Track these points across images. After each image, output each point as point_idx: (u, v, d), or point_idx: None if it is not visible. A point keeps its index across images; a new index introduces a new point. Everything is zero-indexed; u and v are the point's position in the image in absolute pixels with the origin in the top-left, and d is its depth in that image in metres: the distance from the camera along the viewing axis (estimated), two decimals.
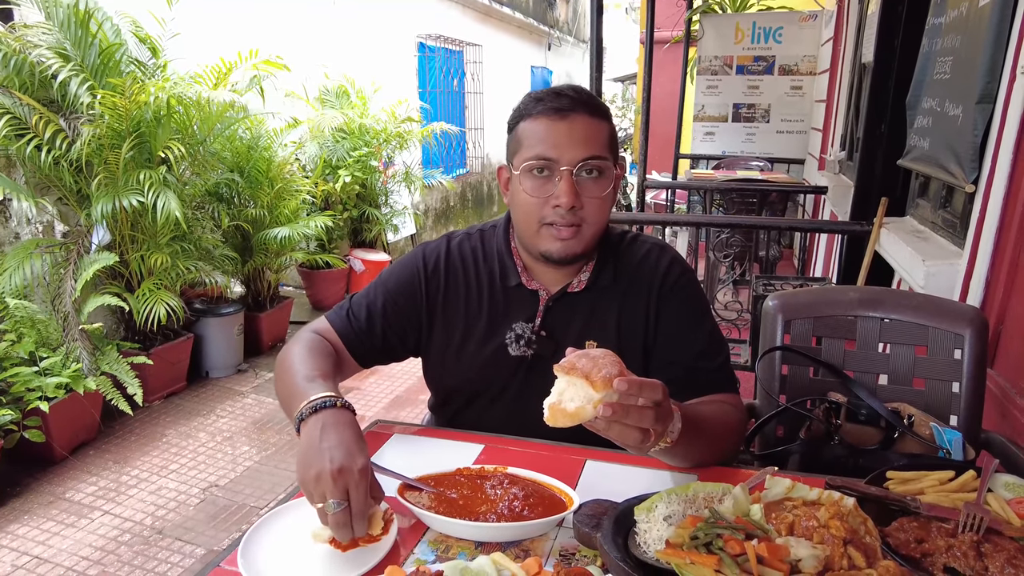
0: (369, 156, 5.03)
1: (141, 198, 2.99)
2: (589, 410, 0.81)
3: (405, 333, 1.24)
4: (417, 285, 1.24)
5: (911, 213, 2.52)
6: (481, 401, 1.25)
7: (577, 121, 1.09)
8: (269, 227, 4.10)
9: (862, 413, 1.50)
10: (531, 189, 1.12)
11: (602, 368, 0.82)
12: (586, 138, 1.09)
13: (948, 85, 2.05)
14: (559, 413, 0.82)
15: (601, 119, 1.13)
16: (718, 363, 1.18)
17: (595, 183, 1.11)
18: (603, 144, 1.12)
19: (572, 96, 1.11)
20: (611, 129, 1.15)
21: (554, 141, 1.09)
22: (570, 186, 1.08)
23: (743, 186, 4.12)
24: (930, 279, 1.90)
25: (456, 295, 1.24)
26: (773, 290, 2.53)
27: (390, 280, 1.26)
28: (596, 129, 1.11)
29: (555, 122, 1.10)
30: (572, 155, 1.08)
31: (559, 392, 0.83)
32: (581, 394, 0.81)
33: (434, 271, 1.25)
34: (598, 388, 0.81)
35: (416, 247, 1.31)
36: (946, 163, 1.98)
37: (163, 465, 3.02)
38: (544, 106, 1.11)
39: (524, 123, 1.13)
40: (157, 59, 3.45)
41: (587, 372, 0.82)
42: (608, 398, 0.81)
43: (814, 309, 1.66)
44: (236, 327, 4.06)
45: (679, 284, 1.20)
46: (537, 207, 1.12)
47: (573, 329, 1.20)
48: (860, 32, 3.99)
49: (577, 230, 1.12)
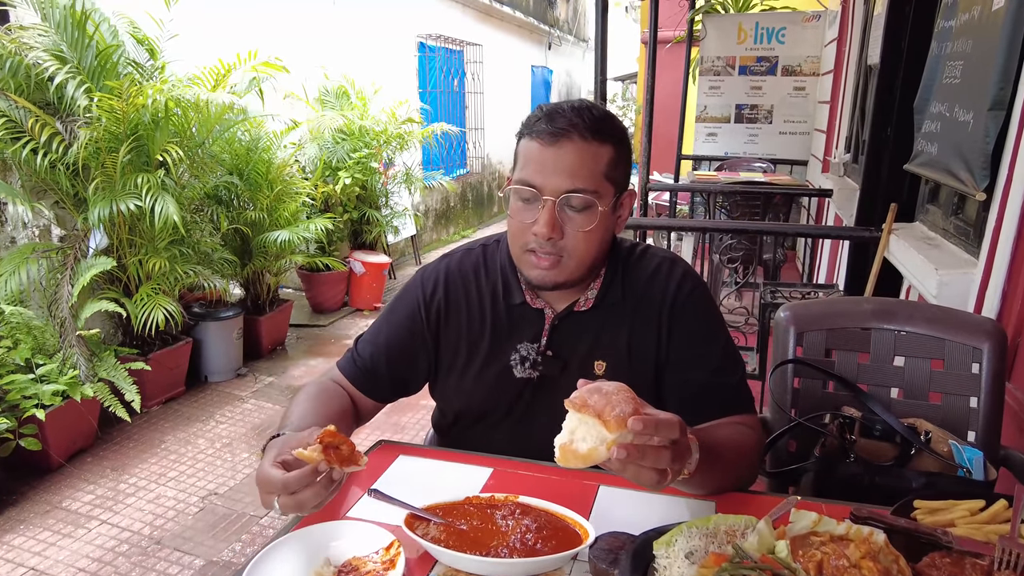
0: (369, 157, 4.99)
1: (139, 202, 2.95)
2: (602, 452, 0.77)
3: (415, 364, 1.21)
4: (418, 313, 1.21)
5: (920, 219, 2.48)
6: (487, 423, 1.22)
7: (568, 148, 1.02)
8: (269, 230, 4.06)
9: (877, 428, 1.47)
10: (516, 212, 1.07)
11: (615, 406, 0.78)
12: (574, 168, 1.02)
13: (958, 90, 2.01)
14: (570, 454, 0.78)
15: (602, 142, 1.04)
16: (734, 381, 1.14)
17: (580, 216, 1.04)
18: (596, 174, 1.04)
19: (570, 118, 1.03)
20: (614, 153, 1.06)
21: (541, 167, 1.03)
22: (550, 217, 1.03)
23: (747, 188, 4.08)
24: (943, 288, 1.86)
25: (458, 316, 1.20)
26: (781, 297, 2.50)
27: (392, 314, 1.24)
28: (591, 157, 1.03)
29: (545, 147, 1.03)
30: (556, 185, 1.02)
31: (570, 431, 0.79)
32: (594, 434, 0.78)
33: (433, 294, 1.21)
34: (611, 428, 0.77)
35: (416, 272, 1.28)
36: (955, 169, 1.94)
37: (161, 473, 2.98)
38: (540, 126, 1.04)
39: (524, 140, 1.08)
40: (155, 61, 3.41)
41: (600, 410, 0.78)
42: (622, 438, 0.77)
43: (827, 321, 1.62)
44: (235, 331, 4.02)
45: (691, 299, 1.15)
46: (521, 231, 1.08)
47: (581, 349, 1.16)
48: (866, 33, 3.95)
49: (557, 260, 1.07)
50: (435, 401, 1.30)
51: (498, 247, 1.23)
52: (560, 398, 1.18)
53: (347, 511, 0.97)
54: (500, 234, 1.25)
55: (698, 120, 5.92)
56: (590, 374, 1.15)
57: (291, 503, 0.85)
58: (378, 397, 1.22)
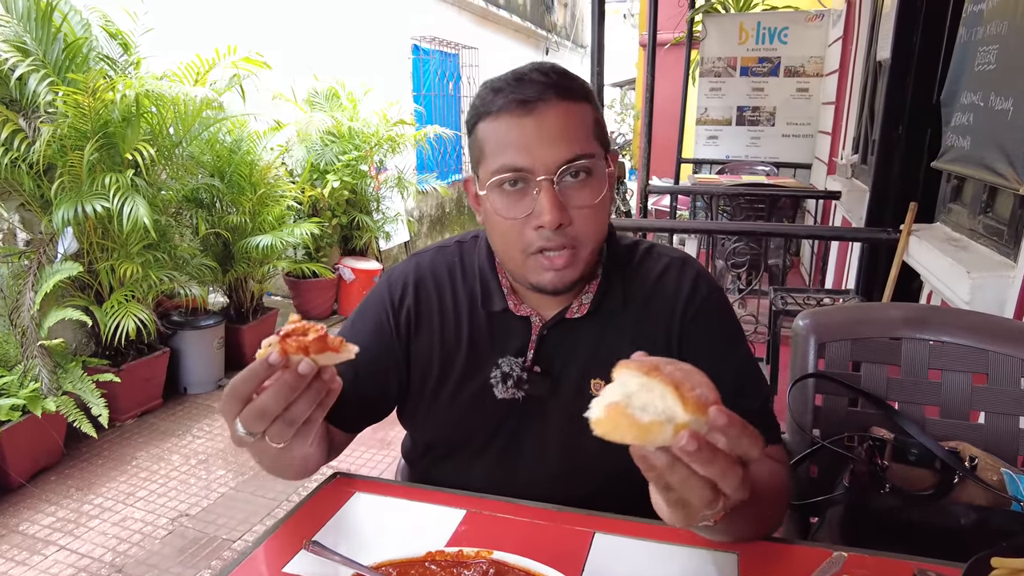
0: (359, 160, 4.82)
1: (106, 203, 2.76)
2: (668, 432, 0.56)
3: (385, 384, 1.01)
4: (386, 322, 1.01)
5: (942, 219, 2.31)
6: (462, 454, 1.02)
7: (549, 112, 0.84)
8: (252, 235, 3.88)
9: (912, 452, 1.28)
10: (504, 209, 0.87)
11: (696, 385, 0.58)
12: (564, 132, 0.85)
13: (994, 77, 1.84)
14: (623, 420, 0.57)
15: (581, 102, 0.88)
16: (757, 405, 0.95)
17: (585, 188, 0.87)
18: (587, 135, 0.87)
19: (539, 80, 0.85)
20: (595, 113, 0.91)
21: (523, 143, 0.84)
22: (553, 199, 0.84)
23: (752, 191, 3.91)
24: (976, 293, 1.69)
25: (429, 325, 1.01)
26: (794, 303, 2.32)
27: (356, 324, 1.03)
28: (576, 117, 0.86)
29: (521, 118, 0.84)
30: (549, 158, 0.84)
31: (625, 392, 0.59)
32: (659, 406, 0.57)
33: (401, 300, 1.01)
34: (688, 407, 0.57)
35: (382, 275, 1.08)
36: (993, 163, 1.77)
37: (130, 492, 2.79)
38: (505, 98, 0.85)
39: (484, 124, 0.88)
40: (129, 55, 3.23)
41: (678, 382, 0.58)
42: (695, 426, 0.57)
43: (851, 329, 1.44)
44: (216, 340, 3.83)
45: (706, 307, 0.97)
46: (516, 232, 0.88)
47: (574, 364, 0.97)
48: (874, 30, 3.79)
49: (572, 253, 0.88)
50: (404, 428, 1.11)
51: (476, 244, 1.04)
52: (550, 423, 0.97)
53: (282, 567, 0.78)
54: (479, 230, 1.05)
55: (698, 123, 5.77)
56: (585, 395, 0.96)
57: (252, 414, 0.68)
58: (344, 424, 1.00)
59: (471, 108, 0.91)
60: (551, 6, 11.44)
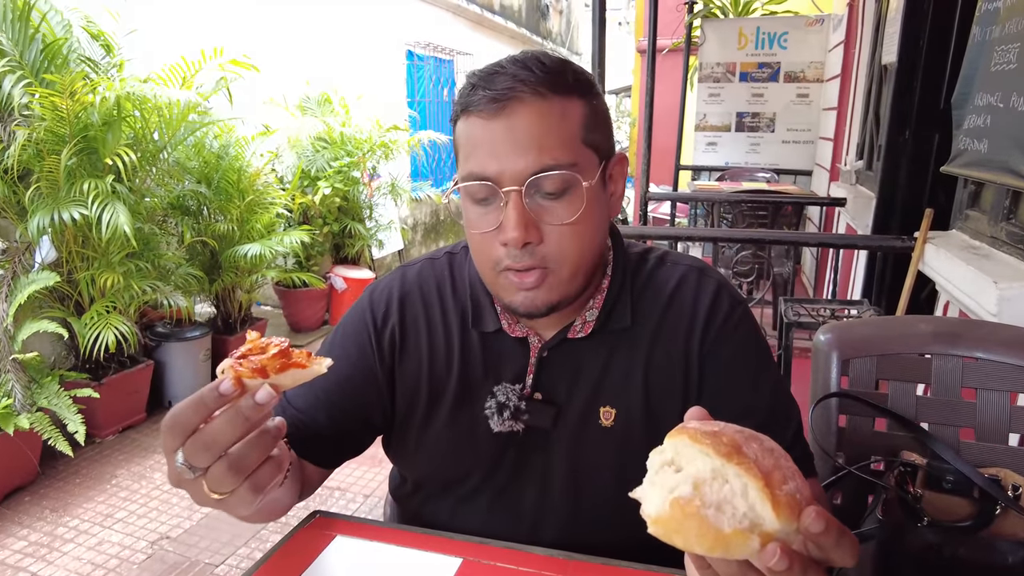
0: (351, 167, 4.71)
1: (84, 211, 2.64)
2: (754, 545, 0.43)
3: (368, 414, 0.89)
4: (367, 344, 0.89)
5: (958, 226, 2.21)
6: (458, 493, 0.91)
7: (522, 112, 0.72)
8: (239, 243, 3.76)
9: (948, 480, 1.18)
10: (473, 220, 0.78)
11: (788, 478, 0.45)
12: (537, 136, 0.72)
13: (1015, 76, 1.75)
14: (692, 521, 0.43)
15: (568, 97, 0.75)
16: (790, 435, 0.85)
17: (559, 204, 0.75)
18: (570, 139, 0.74)
19: (514, 73, 0.73)
20: (585, 108, 0.76)
21: (491, 149, 0.73)
22: (519, 215, 0.73)
23: (755, 198, 3.82)
24: (1005, 305, 1.58)
25: (417, 348, 0.89)
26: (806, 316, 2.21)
27: (334, 347, 0.91)
28: (555, 118, 0.74)
29: (490, 120, 0.73)
30: (516, 168, 0.72)
31: (695, 482, 0.45)
32: (741, 507, 0.44)
33: (385, 319, 0.90)
34: (781, 512, 0.43)
35: (364, 291, 0.96)
36: (1017, 166, 1.67)
37: (108, 513, 2.66)
38: (476, 95, 0.74)
39: (460, 122, 0.78)
40: (112, 57, 3.12)
41: (767, 472, 0.44)
42: (784, 535, 0.44)
43: (877, 345, 1.33)
44: (203, 352, 3.71)
45: (730, 324, 0.85)
46: (486, 245, 0.78)
47: (580, 390, 0.85)
48: (878, 33, 3.72)
49: (543, 274, 0.77)
50: (391, 462, 0.99)
51: (467, 257, 0.92)
52: (554, 458, 0.86)
53: None
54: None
55: (697, 129, 5.69)
56: (594, 424, 0.85)
57: (197, 445, 0.56)
58: (320, 459, 0.88)
59: (456, 97, 0.80)
60: (546, 13, 11.40)
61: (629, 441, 0.83)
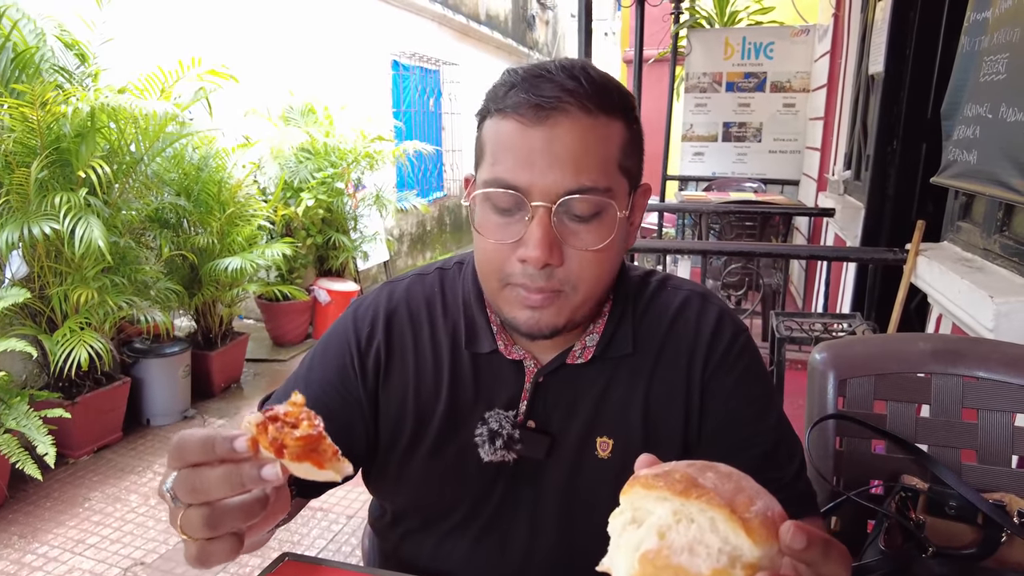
0: (335, 178, 4.64)
1: (56, 225, 2.56)
2: None
3: (349, 441, 0.82)
4: (349, 365, 0.83)
5: (950, 238, 2.18)
6: (441, 528, 0.85)
7: (565, 125, 0.68)
8: (220, 256, 3.67)
9: (951, 505, 1.13)
10: (490, 228, 0.73)
11: (755, 497, 0.42)
12: (578, 154, 0.68)
13: (1004, 87, 1.72)
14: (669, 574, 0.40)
15: (611, 117, 0.71)
16: (792, 471, 0.80)
17: (588, 228, 0.71)
18: (608, 163, 0.70)
19: (562, 82, 0.69)
20: (626, 132, 0.73)
21: (525, 158, 0.68)
22: (545, 234, 0.68)
23: (744, 208, 3.79)
24: (1002, 320, 1.55)
25: (402, 370, 0.83)
26: (798, 330, 2.17)
27: (313, 368, 0.85)
28: (598, 138, 0.70)
29: (529, 127, 0.68)
30: (551, 184, 0.68)
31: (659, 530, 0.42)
32: (714, 542, 0.40)
33: (369, 338, 0.84)
34: (756, 536, 0.40)
35: (348, 307, 0.90)
36: (1007, 178, 1.64)
37: (80, 539, 2.56)
38: (517, 97, 0.69)
39: (491, 120, 0.73)
40: (87, 66, 3.04)
41: (729, 499, 0.41)
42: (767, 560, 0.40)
43: (875, 364, 1.29)
44: (182, 368, 3.62)
45: (733, 352, 0.81)
46: (499, 256, 0.73)
47: (576, 419, 0.80)
48: (864, 44, 3.72)
49: (555, 296, 0.72)
50: (371, 493, 0.93)
51: (460, 273, 0.87)
52: (546, 491, 0.80)
53: None
54: (464, 254, 0.89)
55: (684, 139, 5.68)
56: (590, 456, 0.80)
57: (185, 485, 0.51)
58: (302, 490, 0.82)
59: (490, 92, 0.75)
60: (532, 23, 11.42)
61: (627, 473, 0.78)
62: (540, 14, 11.75)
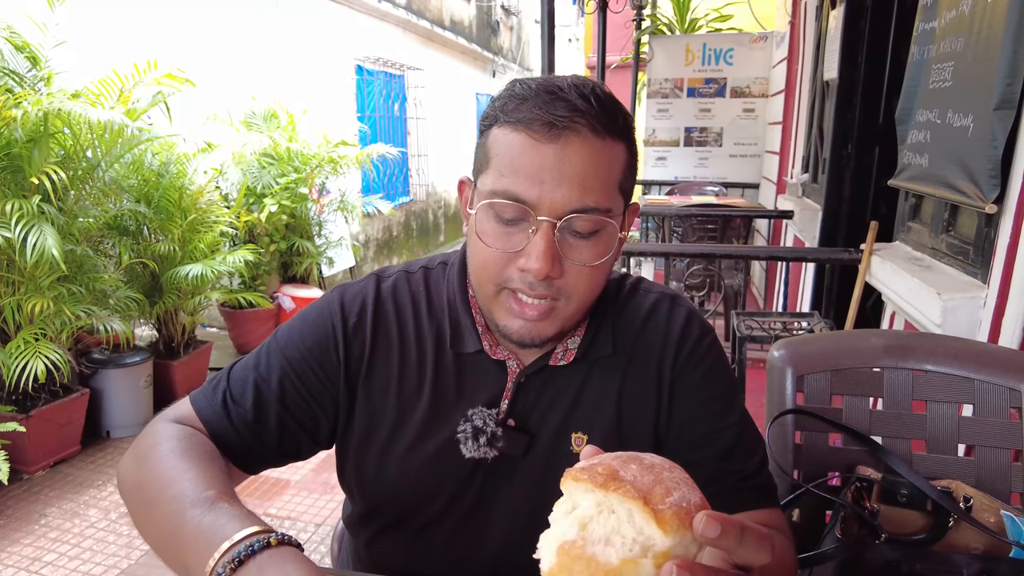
0: (298, 183, 4.60)
1: (7, 233, 2.49)
2: (647, 568, 0.42)
3: (315, 422, 0.83)
4: (332, 348, 0.83)
5: (901, 238, 2.27)
6: (417, 523, 0.85)
7: (575, 147, 0.70)
8: (181, 264, 3.61)
9: (902, 493, 1.19)
10: (492, 236, 0.74)
11: (672, 488, 0.44)
12: (586, 174, 0.70)
13: (950, 94, 1.80)
14: (579, 564, 0.42)
15: (617, 140, 0.73)
16: (754, 465, 0.82)
17: (587, 244, 0.73)
18: (611, 185, 0.73)
19: (576, 103, 0.70)
20: (627, 155, 0.76)
21: (535, 174, 0.70)
22: (548, 247, 0.71)
23: (705, 211, 3.87)
24: (948, 316, 1.62)
25: (386, 364, 0.84)
26: (758, 329, 2.23)
27: (292, 342, 0.83)
28: (605, 160, 0.72)
29: (541, 143, 0.70)
30: (559, 201, 0.70)
31: (580, 522, 0.44)
32: (629, 533, 0.42)
33: (357, 326, 0.84)
34: (667, 527, 0.42)
35: (332, 290, 0.89)
36: (955, 181, 1.72)
37: (36, 556, 2.48)
38: (529, 111, 0.71)
39: (498, 130, 0.73)
40: (39, 70, 2.97)
41: (646, 491, 0.43)
42: (681, 548, 0.43)
43: (831, 360, 1.33)
44: (143, 378, 3.53)
45: (699, 351, 0.84)
46: (498, 264, 0.74)
47: (554, 417, 0.83)
48: (819, 51, 3.83)
49: (551, 306, 0.75)
50: (343, 486, 0.92)
51: (445, 272, 0.88)
52: (522, 487, 0.82)
53: None
54: (447, 255, 0.90)
55: (646, 144, 5.77)
56: (565, 451, 0.82)
57: None
58: (249, 465, 0.81)
59: (490, 105, 0.76)
60: (497, 29, 11.47)
61: None
62: (504, 20, 11.81)
